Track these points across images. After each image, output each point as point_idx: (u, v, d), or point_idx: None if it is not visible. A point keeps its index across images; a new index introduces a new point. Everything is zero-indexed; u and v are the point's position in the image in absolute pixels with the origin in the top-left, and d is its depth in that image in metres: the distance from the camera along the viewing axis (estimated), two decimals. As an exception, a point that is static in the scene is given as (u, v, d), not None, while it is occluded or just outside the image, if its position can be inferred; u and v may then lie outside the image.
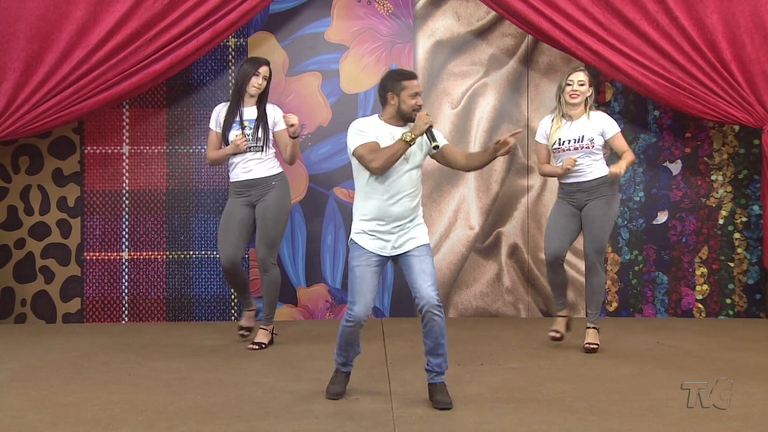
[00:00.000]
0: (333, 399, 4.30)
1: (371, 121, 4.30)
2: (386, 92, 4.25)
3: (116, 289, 6.46)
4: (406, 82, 4.22)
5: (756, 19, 6.01)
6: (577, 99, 5.29)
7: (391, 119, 4.28)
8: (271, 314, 5.57)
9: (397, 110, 4.25)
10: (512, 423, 3.92)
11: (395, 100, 4.23)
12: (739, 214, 6.51)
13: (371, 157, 4.14)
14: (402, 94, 4.21)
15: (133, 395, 4.41)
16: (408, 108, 4.22)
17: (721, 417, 3.99)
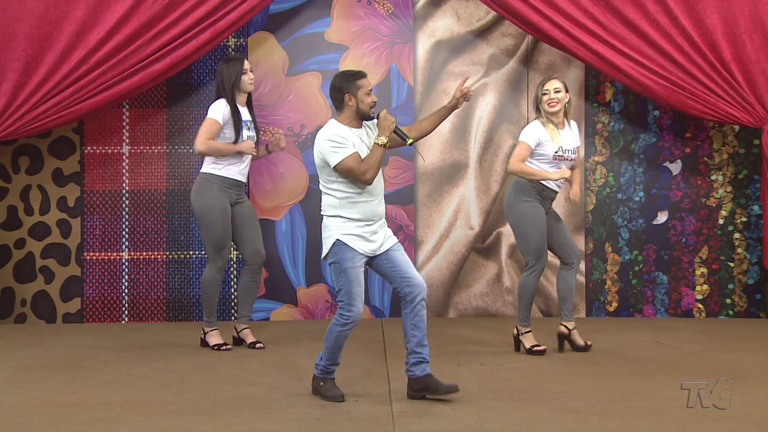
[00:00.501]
0: (340, 401, 4.25)
1: (339, 128, 4.27)
2: (342, 94, 4.26)
3: (116, 289, 6.46)
4: (360, 81, 4.28)
5: (756, 19, 6.01)
6: (556, 107, 5.22)
7: (352, 121, 4.31)
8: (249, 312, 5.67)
9: (355, 111, 4.28)
10: (512, 423, 3.92)
11: (353, 101, 4.26)
12: (739, 214, 6.51)
13: (362, 168, 4.19)
14: (359, 93, 4.26)
15: (133, 395, 4.41)
16: (366, 106, 4.27)
17: (721, 417, 3.99)
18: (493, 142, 6.54)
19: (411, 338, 4.28)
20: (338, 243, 4.25)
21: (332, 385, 4.34)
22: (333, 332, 4.27)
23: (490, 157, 6.54)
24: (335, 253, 4.25)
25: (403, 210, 6.53)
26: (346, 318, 4.21)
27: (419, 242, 6.55)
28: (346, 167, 4.18)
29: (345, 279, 4.21)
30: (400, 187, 6.54)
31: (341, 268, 4.22)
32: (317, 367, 4.37)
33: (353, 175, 4.20)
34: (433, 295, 6.56)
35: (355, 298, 4.20)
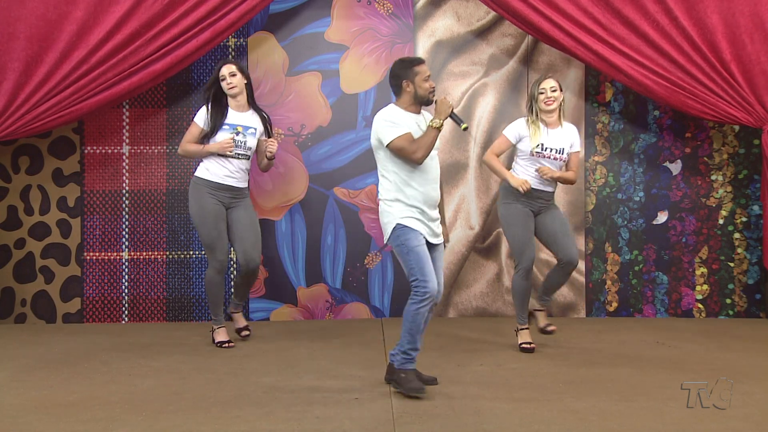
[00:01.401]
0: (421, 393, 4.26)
1: (396, 111, 4.39)
2: (401, 81, 4.39)
3: (116, 289, 6.46)
4: (418, 67, 4.38)
5: (756, 19, 6.01)
6: (552, 105, 5.27)
7: (410, 107, 4.42)
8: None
9: (413, 96, 4.39)
10: (512, 423, 3.92)
11: (411, 87, 4.38)
12: (739, 214, 6.51)
13: (413, 147, 4.29)
14: (416, 79, 4.37)
15: (133, 395, 4.41)
16: (424, 92, 4.38)
17: (721, 417, 3.99)
18: (492, 142, 6.53)
19: None
20: (399, 227, 4.32)
21: (413, 377, 4.34)
22: (410, 312, 4.28)
23: (490, 157, 6.54)
24: (397, 236, 4.32)
25: (403, 210, 6.53)
26: (422, 294, 4.25)
27: (419, 242, 6.55)
28: (398, 146, 4.29)
29: (414, 257, 4.26)
30: (400, 187, 6.53)
31: (407, 248, 4.29)
32: (394, 358, 4.38)
33: (404, 154, 4.29)
34: (433, 295, 6.56)
35: (427, 274, 4.24)
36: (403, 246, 4.30)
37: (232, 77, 5.47)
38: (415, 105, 4.42)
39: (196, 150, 5.52)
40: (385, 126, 4.32)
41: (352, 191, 6.53)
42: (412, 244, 4.29)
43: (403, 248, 4.30)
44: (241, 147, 5.49)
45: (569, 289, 6.53)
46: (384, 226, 4.41)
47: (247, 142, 5.52)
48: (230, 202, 5.53)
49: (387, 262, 6.53)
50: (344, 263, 6.54)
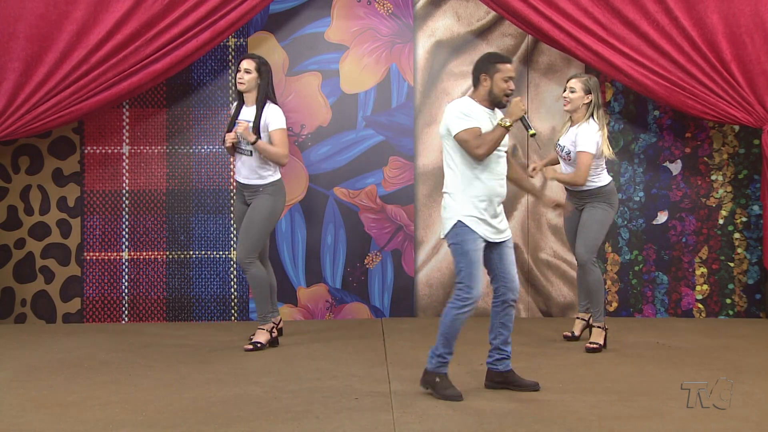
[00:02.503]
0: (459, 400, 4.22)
1: (469, 103, 4.30)
2: (480, 73, 4.30)
3: (116, 289, 6.46)
4: (501, 65, 4.28)
5: (756, 19, 6.01)
6: (567, 106, 5.41)
7: (483, 101, 4.33)
8: (261, 312, 5.50)
9: (488, 92, 4.30)
10: (512, 423, 3.92)
11: (488, 82, 4.28)
12: (739, 214, 6.50)
13: (477, 143, 4.20)
14: (495, 76, 4.27)
15: (133, 395, 4.41)
16: (499, 91, 4.28)
17: (721, 417, 3.99)
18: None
19: (498, 335, 4.39)
20: (459, 224, 4.23)
21: (449, 383, 4.30)
22: (449, 316, 4.23)
23: (490, 157, 6.54)
24: (456, 234, 4.24)
25: (403, 210, 6.53)
26: (465, 300, 4.18)
27: (419, 242, 6.55)
28: (463, 138, 4.21)
29: (466, 260, 4.19)
30: (400, 187, 6.54)
31: (462, 250, 4.21)
32: (431, 360, 4.33)
33: (467, 148, 4.21)
34: (433, 295, 6.56)
35: (475, 280, 4.18)
36: (459, 246, 4.22)
37: (246, 73, 5.42)
38: (489, 102, 4.31)
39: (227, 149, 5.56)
40: (457, 116, 4.22)
41: (352, 191, 6.53)
42: (468, 247, 4.20)
43: (458, 248, 4.22)
44: (243, 142, 5.42)
45: (569, 289, 6.53)
46: (444, 221, 4.30)
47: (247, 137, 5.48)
48: (248, 199, 5.52)
49: (387, 262, 6.53)
50: (344, 263, 6.53)
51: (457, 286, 4.23)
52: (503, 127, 4.22)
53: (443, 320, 4.26)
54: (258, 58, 5.48)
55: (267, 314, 5.51)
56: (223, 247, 6.46)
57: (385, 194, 6.54)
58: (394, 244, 6.54)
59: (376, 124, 6.53)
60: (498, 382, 4.44)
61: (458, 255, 4.23)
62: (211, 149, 6.46)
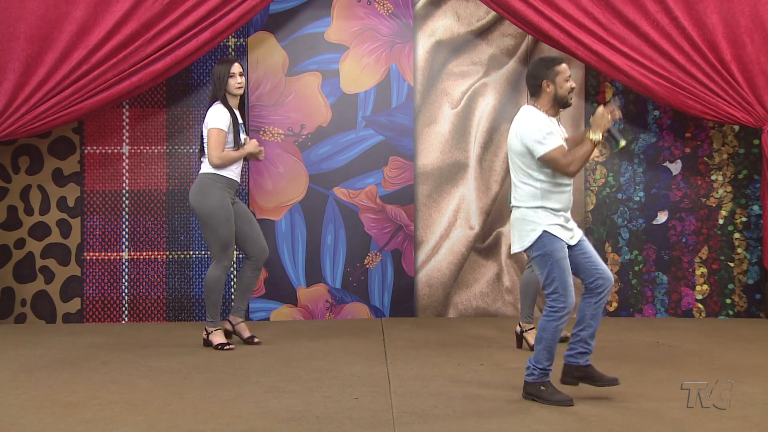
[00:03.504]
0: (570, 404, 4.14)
1: (541, 117, 4.22)
2: (540, 81, 4.22)
3: (116, 289, 6.46)
4: (558, 66, 4.22)
5: (756, 19, 6.01)
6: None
7: (549, 109, 4.26)
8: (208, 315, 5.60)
9: (553, 97, 4.23)
10: (512, 423, 3.92)
11: (551, 87, 4.21)
12: (739, 214, 6.50)
13: (567, 160, 4.14)
14: (557, 79, 4.21)
15: (133, 395, 4.41)
16: (564, 92, 4.22)
17: (721, 417, 3.99)
18: (493, 142, 6.54)
19: (587, 327, 4.27)
20: (546, 234, 4.17)
21: (555, 389, 4.22)
22: (548, 329, 4.16)
23: (490, 157, 6.54)
24: (543, 245, 4.17)
25: (403, 210, 6.53)
26: (561, 310, 4.13)
27: (419, 242, 6.55)
28: (551, 158, 4.13)
29: (558, 270, 4.14)
30: (400, 187, 6.54)
31: (553, 259, 4.15)
32: (532, 373, 4.23)
33: (557, 166, 4.15)
34: (434, 295, 6.56)
35: (568, 288, 4.13)
36: (549, 256, 4.14)
37: (241, 77, 5.50)
38: (554, 107, 4.24)
39: (237, 155, 5.49)
40: (540, 136, 4.13)
41: (352, 191, 6.53)
42: (558, 255, 4.14)
43: (549, 258, 4.14)
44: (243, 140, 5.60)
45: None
46: (523, 233, 4.21)
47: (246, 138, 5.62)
48: (233, 198, 5.55)
49: (387, 262, 6.53)
50: (344, 263, 6.53)
51: (550, 297, 4.14)
52: (592, 141, 4.14)
53: (542, 334, 4.17)
54: (239, 60, 5.63)
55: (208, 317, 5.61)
56: (223, 247, 6.46)
57: (385, 194, 6.54)
58: (394, 244, 6.54)
59: (376, 124, 6.53)
60: (578, 377, 4.31)
61: (548, 265, 4.15)
62: (211, 149, 6.45)
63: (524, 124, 4.20)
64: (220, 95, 5.49)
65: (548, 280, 4.15)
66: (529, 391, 4.24)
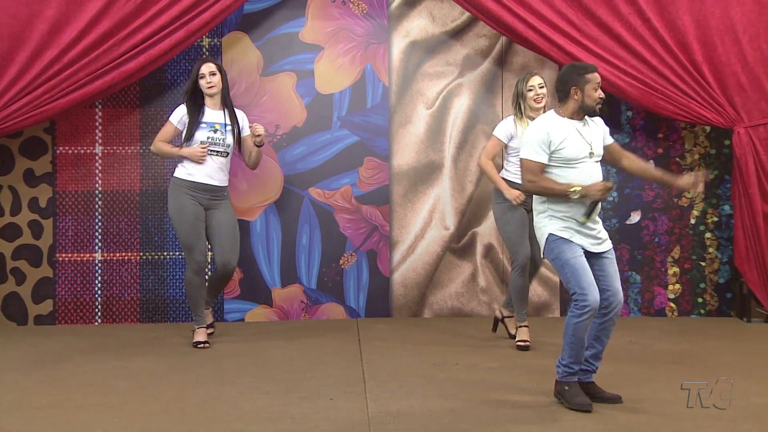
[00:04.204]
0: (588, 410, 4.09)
1: (555, 122, 4.21)
2: (569, 87, 4.20)
3: (89, 291, 6.40)
4: (590, 75, 4.21)
5: (726, 21, 6.09)
6: (542, 102, 5.41)
7: (574, 114, 4.24)
8: None
9: (580, 105, 4.21)
10: (488, 422, 3.94)
11: (579, 95, 4.20)
12: (711, 213, 6.58)
13: (529, 177, 4.18)
14: (587, 87, 4.19)
15: (107, 397, 4.37)
16: (592, 101, 4.21)
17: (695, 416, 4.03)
18: (467, 142, 6.56)
19: (590, 347, 4.25)
20: (552, 238, 4.19)
21: (578, 391, 4.18)
22: (570, 326, 4.13)
23: (464, 158, 6.56)
24: (552, 249, 4.19)
25: (378, 210, 6.54)
26: (582, 307, 4.08)
27: (394, 243, 6.56)
28: (522, 165, 4.23)
29: (570, 270, 4.12)
30: (375, 188, 6.54)
31: (561, 261, 4.15)
32: (558, 370, 4.22)
33: (521, 173, 4.27)
34: (409, 295, 6.57)
35: (586, 286, 4.08)
36: (558, 259, 4.16)
37: (212, 76, 5.51)
38: (580, 113, 4.23)
39: (170, 151, 5.61)
40: (532, 143, 4.18)
41: (327, 192, 6.53)
42: (566, 256, 4.13)
43: (558, 261, 4.16)
44: (220, 144, 5.54)
45: (543, 289, 6.57)
46: (539, 239, 4.27)
47: (225, 139, 5.55)
48: (209, 203, 5.53)
49: (362, 262, 6.53)
50: (319, 264, 6.53)
51: (573, 297, 4.12)
52: (570, 193, 4.11)
53: (566, 331, 4.14)
54: (213, 60, 5.62)
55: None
56: (197, 248, 6.42)
57: (361, 195, 6.54)
58: (369, 244, 6.55)
59: (351, 125, 6.53)
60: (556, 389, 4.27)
61: (560, 268, 4.17)
62: (185, 149, 6.42)
63: (533, 124, 4.27)
64: (187, 93, 5.55)
65: (565, 281, 4.17)
66: (557, 389, 4.24)
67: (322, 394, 4.40)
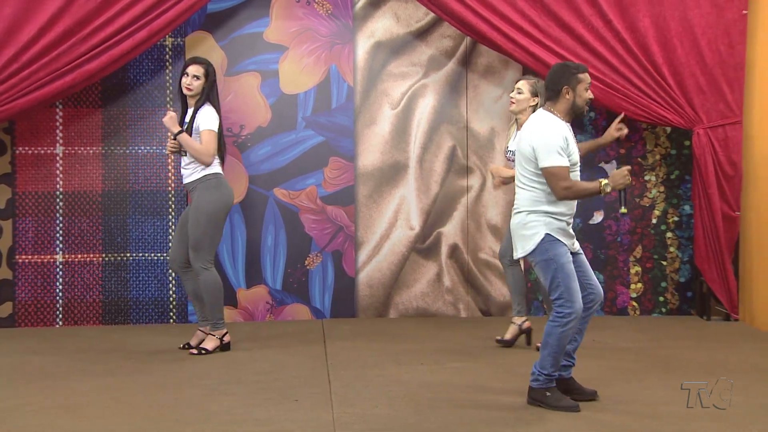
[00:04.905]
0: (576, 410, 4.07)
1: (559, 126, 4.16)
2: (561, 86, 4.16)
3: (50, 293, 6.31)
4: (582, 75, 4.18)
5: (685, 23, 6.18)
6: (512, 107, 5.43)
7: (565, 115, 4.22)
8: (213, 319, 5.41)
9: (571, 104, 4.19)
10: (453, 422, 3.96)
11: (570, 94, 4.17)
12: (672, 213, 6.66)
13: (565, 184, 4.08)
14: (578, 87, 4.17)
15: (69, 400, 4.32)
16: (582, 102, 4.19)
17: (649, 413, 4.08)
18: (432, 142, 6.58)
19: (572, 341, 4.23)
20: (548, 238, 4.13)
21: (561, 395, 4.15)
22: (554, 335, 4.07)
23: (429, 158, 6.58)
24: (546, 250, 4.12)
25: (343, 211, 6.53)
26: (567, 315, 4.05)
27: (360, 243, 6.55)
28: (553, 173, 4.07)
29: (563, 274, 4.07)
30: (340, 188, 6.53)
31: (557, 264, 4.09)
32: (537, 379, 4.15)
33: (552, 183, 4.08)
34: (374, 295, 6.58)
35: (574, 294, 4.06)
36: (553, 261, 4.09)
37: (194, 80, 5.38)
38: (569, 114, 4.21)
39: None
40: (552, 149, 4.07)
41: (293, 192, 6.51)
42: (562, 260, 4.10)
43: (552, 263, 4.09)
44: None
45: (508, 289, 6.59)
46: (525, 238, 4.17)
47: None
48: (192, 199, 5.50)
49: (327, 262, 6.52)
50: (285, 264, 6.50)
51: (556, 303, 4.08)
52: (601, 189, 4.11)
53: (548, 340, 4.10)
54: (205, 62, 5.46)
55: (219, 321, 5.43)
56: (161, 249, 6.37)
57: (326, 195, 6.53)
58: (334, 244, 6.54)
59: (316, 125, 6.52)
60: (560, 390, 4.24)
61: (553, 270, 4.09)
62: (148, 150, 6.36)
63: (541, 130, 4.14)
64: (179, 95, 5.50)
65: (553, 285, 4.10)
66: (535, 397, 4.18)
67: (287, 396, 4.38)
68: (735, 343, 5.63)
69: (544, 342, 4.13)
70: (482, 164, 6.55)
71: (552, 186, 4.10)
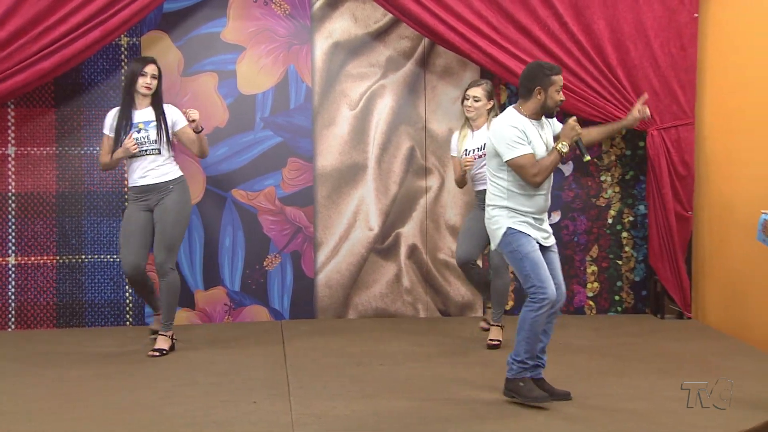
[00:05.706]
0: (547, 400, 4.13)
1: (519, 120, 4.22)
2: (534, 86, 4.21)
3: (2, 296, 6.20)
4: (556, 77, 4.23)
5: (638, 26, 6.27)
6: (471, 113, 5.54)
7: (533, 114, 4.26)
8: (170, 320, 5.46)
9: (542, 105, 4.24)
10: (412, 422, 3.97)
11: (542, 95, 4.22)
12: (627, 213, 6.76)
13: (534, 170, 4.15)
14: (550, 89, 4.22)
15: (23, 405, 4.25)
16: (554, 103, 4.24)
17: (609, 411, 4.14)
18: (391, 143, 6.59)
19: (540, 342, 4.27)
20: (510, 231, 4.19)
21: (533, 386, 4.18)
22: (527, 320, 4.13)
23: (388, 159, 6.59)
24: (509, 242, 4.19)
25: (302, 211, 6.52)
26: (540, 300, 4.10)
27: (318, 244, 6.54)
28: (518, 164, 4.16)
29: (529, 263, 4.14)
30: (299, 189, 6.52)
31: (521, 254, 4.15)
32: (512, 367, 4.20)
33: (523, 174, 4.16)
34: (333, 296, 6.57)
35: (544, 279, 4.11)
36: (516, 252, 4.18)
37: (153, 79, 5.39)
38: (538, 113, 4.27)
39: (114, 159, 5.46)
40: (509, 142, 4.16)
41: (251, 193, 6.47)
42: (525, 249, 4.16)
43: (516, 254, 4.18)
44: (146, 143, 5.40)
45: (467, 289, 6.64)
46: (493, 233, 4.28)
47: (149, 135, 5.41)
48: (156, 201, 5.43)
49: (286, 263, 6.50)
50: (243, 265, 6.47)
51: (529, 290, 4.16)
52: (560, 153, 4.20)
53: (522, 325, 4.16)
54: (156, 61, 5.51)
55: (172, 321, 5.47)
56: (117, 251, 6.29)
57: (284, 196, 6.51)
58: (293, 245, 6.52)
59: (274, 126, 6.49)
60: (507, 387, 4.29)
61: (518, 261, 4.18)
62: (103, 150, 6.28)
63: (500, 126, 4.25)
64: (124, 94, 5.45)
65: (522, 275, 4.19)
66: (509, 388, 4.24)
67: (245, 397, 4.36)
68: (688, 340, 5.73)
69: (518, 328, 4.21)
70: (441, 165, 6.58)
71: (523, 178, 4.20)
